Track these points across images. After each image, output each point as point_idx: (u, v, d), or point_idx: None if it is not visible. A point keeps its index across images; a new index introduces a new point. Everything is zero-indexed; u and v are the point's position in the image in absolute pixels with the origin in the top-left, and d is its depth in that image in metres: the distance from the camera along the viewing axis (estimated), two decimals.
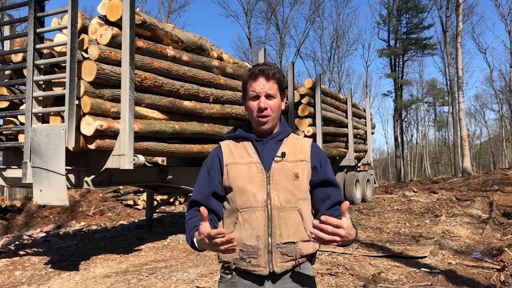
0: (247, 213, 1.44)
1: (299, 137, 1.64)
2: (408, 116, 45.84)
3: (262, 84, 1.49)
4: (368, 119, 13.37)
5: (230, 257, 1.48)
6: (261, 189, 1.45)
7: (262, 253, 1.42)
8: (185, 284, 4.10)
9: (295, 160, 1.51)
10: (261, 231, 1.42)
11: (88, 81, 4.50)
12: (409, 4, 32.28)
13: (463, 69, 22.09)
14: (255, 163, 1.49)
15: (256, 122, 1.52)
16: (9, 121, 5.25)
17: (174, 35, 5.70)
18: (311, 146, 1.58)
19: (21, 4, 5.14)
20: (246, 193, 1.45)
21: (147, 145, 5.15)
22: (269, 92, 1.49)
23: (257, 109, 1.49)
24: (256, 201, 1.44)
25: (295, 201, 1.47)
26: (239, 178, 1.48)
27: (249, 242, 1.42)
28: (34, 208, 10.19)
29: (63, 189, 4.25)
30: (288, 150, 1.53)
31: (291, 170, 1.48)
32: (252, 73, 1.51)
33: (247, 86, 1.53)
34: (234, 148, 1.55)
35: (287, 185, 1.47)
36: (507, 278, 3.72)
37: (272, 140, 1.55)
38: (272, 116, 1.50)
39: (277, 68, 1.54)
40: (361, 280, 3.92)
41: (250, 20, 35.61)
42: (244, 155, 1.52)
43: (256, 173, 1.47)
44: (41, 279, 4.58)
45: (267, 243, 1.42)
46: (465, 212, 8.04)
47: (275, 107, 1.50)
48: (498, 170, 22.69)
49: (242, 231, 1.44)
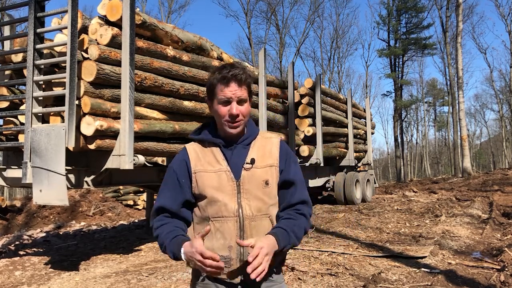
0: (219, 222, 1.43)
1: (267, 136, 1.59)
2: (408, 116, 45.89)
3: (234, 89, 1.44)
4: (368, 119, 13.37)
5: None
6: (232, 199, 1.43)
7: (234, 263, 1.42)
8: (185, 284, 4.10)
9: (264, 165, 1.49)
10: (233, 242, 1.41)
11: (88, 81, 4.50)
12: (408, 4, 32.28)
13: (463, 69, 22.09)
14: (225, 171, 1.46)
15: (225, 127, 1.47)
16: (9, 121, 5.25)
17: (174, 35, 5.70)
18: (279, 148, 1.54)
19: (21, 4, 5.14)
20: (217, 202, 1.44)
21: (147, 145, 5.15)
22: (241, 97, 1.45)
23: (228, 115, 1.45)
24: (227, 211, 1.43)
25: (266, 209, 1.47)
26: (209, 187, 1.45)
27: (221, 252, 1.41)
28: (34, 208, 10.19)
29: (63, 189, 4.25)
30: (257, 154, 1.50)
31: (261, 178, 1.47)
32: (224, 77, 1.44)
33: (216, 89, 1.46)
34: (202, 154, 1.50)
35: (257, 193, 1.45)
36: (507, 278, 3.72)
37: (240, 144, 1.51)
38: (243, 120, 1.48)
39: (248, 71, 1.50)
40: (361, 280, 3.92)
41: (250, 20, 35.66)
42: (213, 161, 1.48)
43: (226, 182, 1.44)
44: (41, 279, 4.58)
45: (239, 253, 1.41)
46: (465, 212, 8.03)
47: (246, 112, 1.48)
48: (498, 170, 22.69)
49: (214, 240, 1.43)
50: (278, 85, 8.38)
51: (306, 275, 4.11)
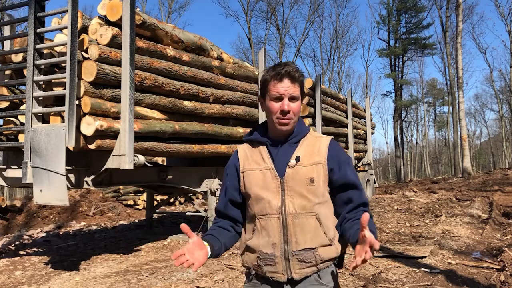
0: (264, 220, 1.45)
1: (318, 136, 1.58)
2: (408, 116, 45.88)
3: (287, 86, 1.44)
4: (368, 119, 13.37)
5: (250, 263, 1.50)
6: (275, 196, 1.44)
7: (279, 261, 1.42)
8: (185, 284, 4.10)
9: (311, 163, 1.47)
10: (277, 239, 1.42)
11: (88, 81, 4.50)
12: (408, 4, 32.27)
13: (463, 69, 22.09)
14: (269, 169, 1.48)
15: (276, 123, 1.48)
16: (9, 121, 5.25)
17: (174, 35, 5.70)
18: (328, 147, 1.51)
19: (21, 4, 5.14)
20: (261, 200, 1.46)
21: (147, 145, 5.15)
22: (293, 94, 1.45)
23: (279, 111, 1.45)
24: (271, 208, 1.44)
25: (311, 207, 1.44)
26: (255, 186, 1.48)
27: (266, 249, 1.43)
28: (34, 208, 10.19)
29: (63, 189, 4.25)
30: (304, 152, 1.49)
31: (306, 175, 1.45)
32: (278, 73, 1.45)
33: (269, 85, 1.47)
34: (250, 153, 1.55)
35: (302, 190, 1.44)
36: (507, 278, 3.72)
37: (287, 143, 1.51)
38: (293, 119, 1.48)
39: (300, 70, 1.51)
40: (361, 280, 3.92)
41: (250, 20, 35.67)
42: (259, 160, 1.51)
43: (270, 180, 1.46)
44: (41, 279, 4.58)
45: (283, 250, 1.42)
46: (465, 212, 8.03)
47: (297, 110, 1.48)
48: (498, 170, 22.69)
49: (260, 238, 1.46)
50: None
51: None
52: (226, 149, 6.47)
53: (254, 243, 1.46)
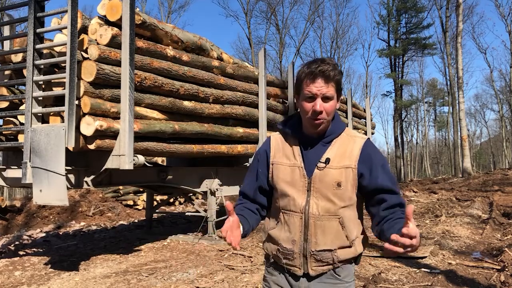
0: (287, 215, 1.47)
1: (353, 135, 1.52)
2: (408, 116, 45.87)
3: (320, 85, 1.40)
4: (368, 119, 13.37)
5: (270, 251, 1.54)
6: (301, 195, 1.45)
7: (297, 257, 1.45)
8: (185, 284, 4.09)
9: (340, 166, 1.43)
10: (297, 236, 1.44)
11: (88, 81, 4.50)
12: (408, 4, 32.28)
13: (463, 69, 22.09)
14: (299, 167, 1.47)
15: (309, 124, 1.46)
16: (9, 121, 5.25)
17: (174, 35, 5.70)
18: (361, 149, 1.45)
19: (21, 4, 5.14)
20: (287, 196, 1.47)
21: (147, 145, 5.14)
22: (327, 94, 1.40)
23: (311, 111, 1.41)
24: (295, 206, 1.45)
25: (335, 210, 1.43)
26: (282, 181, 1.49)
27: (286, 244, 1.46)
28: (34, 208, 10.19)
29: (63, 189, 4.24)
30: (335, 154, 1.45)
31: (334, 179, 1.42)
32: (311, 72, 1.40)
33: (302, 84, 1.44)
34: (282, 145, 1.55)
35: (327, 193, 1.42)
36: (507, 278, 3.72)
37: (320, 142, 1.48)
38: (327, 118, 1.44)
39: (337, 67, 1.44)
40: (361, 280, 3.92)
41: (250, 20, 35.69)
42: (290, 155, 1.51)
43: (298, 178, 1.46)
44: (41, 279, 4.58)
45: (302, 248, 1.43)
46: (465, 212, 8.03)
47: (331, 109, 1.43)
48: (498, 170, 22.69)
49: (282, 231, 1.48)
50: (278, 85, 8.38)
51: None
52: (226, 149, 6.47)
53: (275, 234, 1.50)
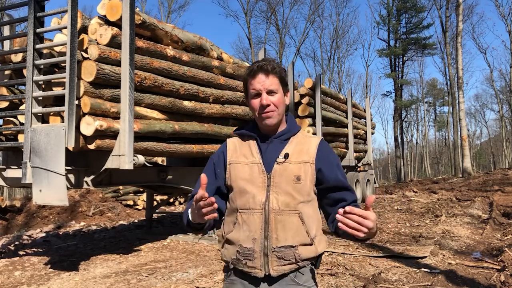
0: (246, 214, 1.44)
1: (308, 135, 1.58)
2: (408, 116, 45.89)
3: (262, 80, 1.45)
4: (368, 119, 13.37)
5: (228, 257, 1.49)
6: (261, 191, 1.43)
7: (257, 256, 1.41)
8: (185, 284, 4.09)
9: (299, 161, 1.46)
10: (258, 234, 1.41)
11: (88, 81, 4.50)
12: (408, 4, 32.30)
13: (463, 69, 22.09)
14: (257, 164, 1.47)
15: (261, 120, 1.48)
16: (9, 121, 5.24)
17: (174, 35, 5.69)
18: (318, 147, 1.50)
19: (21, 4, 5.13)
20: (246, 194, 1.45)
21: (147, 145, 5.14)
22: (270, 87, 1.45)
23: (259, 107, 1.45)
24: (254, 203, 1.43)
25: (295, 205, 1.43)
26: (240, 179, 1.47)
27: (246, 244, 1.42)
28: (34, 208, 10.19)
29: (63, 189, 4.24)
30: (293, 150, 1.48)
31: (293, 173, 1.44)
32: (251, 70, 1.47)
33: (247, 84, 1.49)
34: (239, 146, 1.54)
35: (287, 188, 1.43)
36: (507, 278, 3.72)
37: (277, 139, 1.51)
38: (276, 111, 1.46)
39: (277, 62, 1.49)
40: (361, 280, 3.92)
41: (250, 20, 35.68)
42: (248, 154, 1.50)
43: (257, 174, 1.45)
44: (41, 279, 4.58)
45: (263, 246, 1.40)
46: (465, 212, 8.03)
47: (278, 102, 1.46)
48: (498, 170, 22.71)
49: (241, 232, 1.44)
50: None
51: None
52: None
53: (234, 237, 1.45)
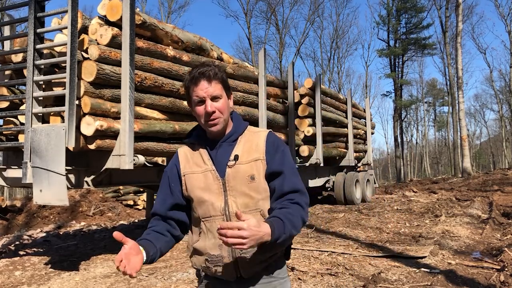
0: (209, 222, 1.44)
1: (256, 131, 1.55)
2: (408, 116, 45.90)
3: (204, 87, 1.42)
4: (368, 119, 13.38)
5: (198, 265, 1.49)
6: (218, 197, 1.43)
7: (227, 261, 1.41)
8: (185, 284, 4.10)
9: (250, 160, 1.45)
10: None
11: (88, 81, 4.50)
12: (408, 4, 32.32)
13: (463, 69, 22.10)
14: (210, 171, 1.45)
15: (207, 127, 1.46)
16: (9, 121, 5.25)
17: (174, 35, 5.70)
18: (266, 141, 1.48)
19: (21, 4, 5.14)
20: (205, 202, 1.44)
21: (147, 145, 5.15)
22: (214, 93, 1.42)
23: (204, 114, 1.43)
24: (214, 210, 1.43)
25: (255, 204, 1.43)
26: (197, 188, 1.46)
27: (213, 251, 1.42)
28: (34, 208, 10.19)
29: (63, 189, 4.25)
30: (242, 150, 1.47)
31: (246, 173, 1.43)
32: (193, 77, 1.43)
33: (190, 91, 1.46)
34: (191, 155, 1.52)
35: (243, 189, 1.42)
36: (507, 278, 3.72)
37: (225, 142, 1.49)
38: (222, 117, 1.45)
39: (217, 66, 1.47)
40: (361, 280, 3.92)
41: (250, 20, 35.68)
42: (200, 162, 1.49)
43: (212, 181, 1.44)
44: (41, 279, 4.58)
45: (230, 250, 1.40)
46: (465, 212, 8.03)
47: (223, 107, 1.44)
48: (498, 170, 22.70)
49: (206, 240, 1.44)
50: (278, 85, 8.39)
51: (306, 275, 4.11)
52: None
53: (200, 246, 1.45)
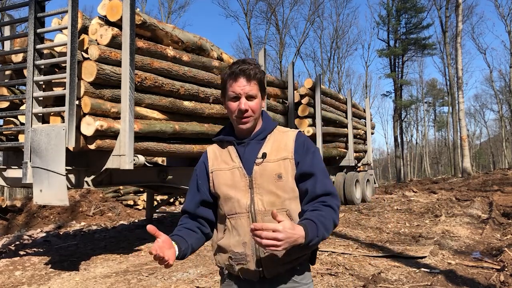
0: (234, 219, 1.44)
1: (285, 130, 1.56)
2: (408, 116, 45.90)
3: (243, 85, 1.43)
4: (368, 119, 13.38)
5: (222, 263, 1.49)
6: (245, 194, 1.43)
7: (250, 259, 1.40)
8: (185, 284, 4.10)
9: (278, 159, 1.45)
10: (247, 238, 1.39)
11: (88, 81, 4.50)
12: (408, 4, 32.33)
13: (462, 69, 22.10)
14: (238, 168, 1.46)
15: (237, 123, 1.48)
16: (10, 121, 5.25)
17: (174, 35, 5.70)
18: (295, 140, 1.49)
19: (21, 5, 5.14)
20: (230, 199, 1.45)
21: (147, 145, 5.15)
22: (250, 93, 1.44)
23: (237, 110, 1.44)
24: (240, 207, 1.43)
25: (281, 203, 1.42)
26: (223, 185, 1.47)
27: (237, 249, 1.42)
28: (34, 208, 10.19)
29: (63, 189, 4.25)
30: (271, 148, 1.47)
31: (274, 171, 1.43)
32: (232, 72, 1.44)
33: (226, 85, 1.47)
34: (219, 153, 1.54)
35: (270, 187, 1.42)
36: (506, 278, 3.72)
37: (254, 140, 1.50)
38: (253, 116, 1.46)
39: (258, 66, 1.48)
40: (361, 280, 3.92)
41: (250, 20, 35.68)
42: (228, 160, 1.50)
43: (239, 179, 1.45)
44: (41, 279, 4.59)
45: (254, 249, 1.39)
46: (465, 212, 8.04)
47: (256, 107, 1.46)
48: (498, 170, 22.72)
49: (231, 237, 1.44)
50: (278, 85, 8.39)
51: None
52: None
53: (225, 243, 1.45)
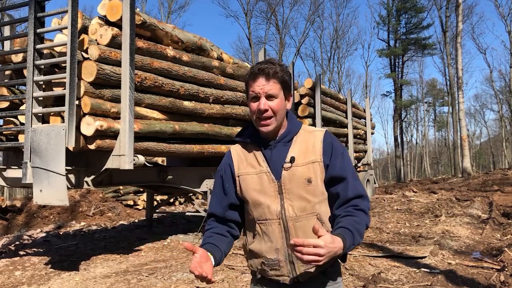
0: (264, 225, 1.42)
1: (312, 130, 1.50)
2: (408, 116, 45.89)
3: (261, 84, 1.39)
4: (368, 119, 13.38)
5: (255, 267, 1.48)
6: (274, 200, 1.40)
7: (283, 265, 1.40)
8: (185, 284, 4.10)
9: (306, 162, 1.41)
10: (280, 244, 1.39)
11: (88, 81, 4.50)
12: (408, 4, 32.32)
13: (463, 69, 22.10)
14: (266, 173, 1.42)
15: (257, 124, 1.43)
16: (9, 121, 5.25)
17: (174, 35, 5.70)
18: (323, 142, 1.44)
19: (21, 5, 5.14)
20: (260, 205, 1.41)
21: (147, 145, 5.15)
22: (270, 92, 1.38)
23: (257, 111, 1.39)
24: (270, 213, 1.40)
25: (312, 207, 1.39)
26: (252, 190, 1.43)
27: (270, 255, 1.41)
28: (34, 208, 10.19)
29: (63, 189, 4.25)
30: (298, 151, 1.42)
31: (303, 176, 1.39)
32: (252, 72, 1.41)
33: (248, 86, 1.43)
34: (244, 155, 1.49)
35: (300, 192, 1.39)
36: (507, 278, 3.72)
37: (280, 142, 1.44)
38: (274, 117, 1.40)
39: (280, 65, 1.43)
40: (361, 280, 3.92)
41: (250, 20, 35.67)
42: (254, 163, 1.45)
43: (267, 184, 1.41)
44: (41, 279, 4.58)
45: (287, 254, 1.38)
46: (465, 212, 8.03)
47: (277, 108, 1.39)
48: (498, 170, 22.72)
49: (262, 243, 1.42)
50: None
51: None
52: (226, 149, 6.48)
53: (256, 248, 1.44)
